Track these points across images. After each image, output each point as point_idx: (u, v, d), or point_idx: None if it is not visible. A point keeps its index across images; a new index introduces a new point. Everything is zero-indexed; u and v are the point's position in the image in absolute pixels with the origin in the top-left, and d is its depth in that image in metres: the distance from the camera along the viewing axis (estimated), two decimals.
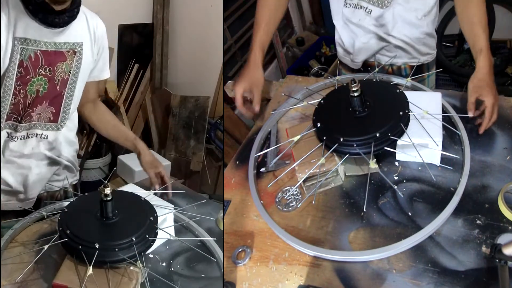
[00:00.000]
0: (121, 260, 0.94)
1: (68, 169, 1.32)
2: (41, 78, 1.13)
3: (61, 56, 1.15)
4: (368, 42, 1.43)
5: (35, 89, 1.13)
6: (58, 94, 1.18)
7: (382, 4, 1.34)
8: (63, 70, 1.16)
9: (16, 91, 1.10)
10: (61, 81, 1.17)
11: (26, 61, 1.09)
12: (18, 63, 1.08)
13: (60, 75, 1.16)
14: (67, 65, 1.17)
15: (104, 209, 1.00)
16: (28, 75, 1.10)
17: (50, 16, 1.08)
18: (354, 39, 1.46)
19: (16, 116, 1.14)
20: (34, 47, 1.09)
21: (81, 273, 0.92)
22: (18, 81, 1.10)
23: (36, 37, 1.09)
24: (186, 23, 2.90)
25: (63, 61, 1.16)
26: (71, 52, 1.17)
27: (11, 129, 1.15)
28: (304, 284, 0.91)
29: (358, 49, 1.46)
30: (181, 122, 2.78)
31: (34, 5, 1.05)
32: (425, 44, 1.44)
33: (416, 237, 0.92)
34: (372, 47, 1.44)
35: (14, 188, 1.20)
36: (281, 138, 1.30)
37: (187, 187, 1.45)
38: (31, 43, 1.08)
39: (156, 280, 0.96)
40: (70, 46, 1.16)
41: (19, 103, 1.12)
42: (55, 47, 1.13)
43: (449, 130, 1.11)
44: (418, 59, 1.46)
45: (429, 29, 1.41)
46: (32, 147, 1.19)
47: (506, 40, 3.18)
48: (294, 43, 3.43)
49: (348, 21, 1.44)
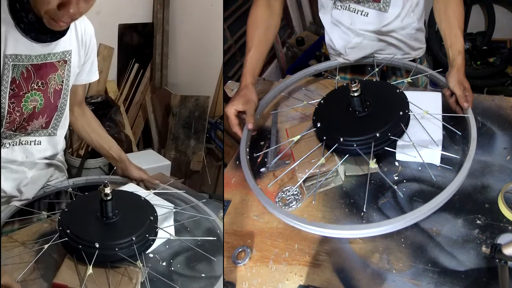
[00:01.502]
0: (121, 260, 0.94)
1: (59, 168, 1.33)
2: (35, 92, 1.10)
3: (52, 68, 1.12)
4: (361, 42, 1.44)
5: (31, 106, 1.11)
6: (54, 106, 1.18)
7: (381, 7, 1.35)
8: (55, 81, 1.14)
9: (10, 110, 1.07)
10: (54, 92, 1.15)
11: (18, 77, 1.06)
12: (10, 80, 1.05)
13: (52, 86, 1.14)
14: (59, 76, 1.15)
15: (104, 209, 1.00)
16: (21, 91, 1.08)
17: (43, 35, 1.05)
18: (346, 40, 1.46)
19: (11, 127, 1.12)
20: (25, 63, 1.06)
21: (81, 272, 0.92)
22: (11, 99, 1.07)
23: (26, 52, 1.05)
24: (186, 23, 2.90)
25: (54, 72, 1.13)
26: (61, 62, 1.14)
27: (6, 138, 1.13)
28: (304, 284, 0.91)
29: (350, 50, 1.47)
30: (181, 121, 2.78)
31: (27, 24, 1.02)
32: (416, 39, 1.47)
33: (440, 198, 0.92)
34: (365, 46, 1.45)
35: (9, 194, 1.19)
36: (281, 138, 1.30)
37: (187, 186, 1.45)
38: (22, 58, 1.05)
39: (156, 280, 0.96)
40: (60, 56, 1.13)
41: (14, 121, 1.10)
42: (45, 59, 1.10)
43: (449, 130, 1.11)
44: (410, 54, 1.48)
45: (419, 24, 1.43)
46: (26, 154, 1.18)
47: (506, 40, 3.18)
48: (294, 43, 3.43)
49: (339, 23, 1.44)
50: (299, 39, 3.41)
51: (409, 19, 1.40)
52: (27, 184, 1.22)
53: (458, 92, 1.14)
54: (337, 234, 0.94)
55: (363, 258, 0.93)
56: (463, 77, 1.16)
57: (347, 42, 1.46)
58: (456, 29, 1.22)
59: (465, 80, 1.16)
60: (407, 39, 1.44)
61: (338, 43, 1.48)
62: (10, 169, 1.17)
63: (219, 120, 2.68)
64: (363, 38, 1.43)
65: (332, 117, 1.15)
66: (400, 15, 1.37)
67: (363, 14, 1.38)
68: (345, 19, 1.42)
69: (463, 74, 1.17)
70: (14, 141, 1.15)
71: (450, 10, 1.25)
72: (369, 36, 1.42)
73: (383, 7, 1.35)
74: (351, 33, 1.44)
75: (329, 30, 1.50)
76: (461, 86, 1.15)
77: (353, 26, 1.42)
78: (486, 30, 3.18)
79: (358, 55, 1.47)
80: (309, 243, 0.99)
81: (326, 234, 0.95)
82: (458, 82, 1.15)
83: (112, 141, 1.37)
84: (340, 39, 1.47)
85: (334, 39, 1.49)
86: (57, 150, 1.28)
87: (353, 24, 1.41)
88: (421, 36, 1.49)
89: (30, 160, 1.20)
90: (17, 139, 1.16)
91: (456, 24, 1.23)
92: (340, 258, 0.94)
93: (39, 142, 1.20)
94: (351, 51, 1.46)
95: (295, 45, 3.42)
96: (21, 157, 1.18)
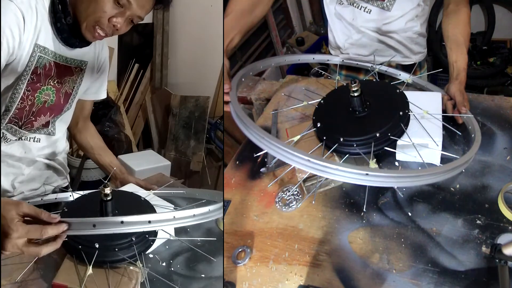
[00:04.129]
0: (121, 260, 0.94)
1: (58, 172, 1.33)
2: (50, 88, 1.15)
3: (69, 71, 1.17)
4: (361, 39, 1.46)
5: (43, 99, 1.15)
6: (61, 107, 1.21)
7: (385, 6, 1.36)
8: (68, 85, 1.19)
9: (24, 96, 1.11)
10: (65, 94, 1.20)
11: (40, 69, 1.10)
12: (33, 69, 1.09)
13: (65, 88, 1.19)
14: (73, 80, 1.20)
15: (104, 209, 1.00)
16: (39, 83, 1.12)
17: (73, 39, 1.11)
18: (347, 35, 1.47)
19: (18, 121, 1.15)
20: (50, 57, 1.11)
21: (81, 273, 0.92)
22: (28, 87, 1.11)
23: (52, 48, 1.10)
24: (186, 23, 2.90)
25: (70, 76, 1.18)
26: (78, 69, 1.20)
27: (8, 132, 1.15)
28: (304, 284, 0.91)
29: (350, 46, 1.48)
30: (181, 122, 2.78)
31: (64, 25, 1.08)
32: (417, 43, 1.48)
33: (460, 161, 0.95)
34: (364, 44, 1.46)
35: (3, 189, 1.20)
36: (281, 138, 1.30)
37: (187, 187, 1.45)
38: (48, 53, 1.10)
39: (156, 280, 0.96)
40: (78, 63, 1.19)
41: (24, 109, 1.13)
42: (65, 62, 1.15)
43: (449, 130, 1.11)
44: (411, 58, 1.48)
45: (421, 29, 1.45)
46: (25, 150, 1.20)
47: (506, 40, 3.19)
48: (294, 43, 3.43)
49: (341, 17, 1.45)
50: (299, 39, 3.41)
51: (412, 23, 1.41)
52: (22, 181, 1.23)
53: (458, 99, 1.19)
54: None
55: (363, 258, 0.93)
56: (463, 89, 1.22)
57: (347, 37, 1.47)
58: (463, 47, 1.28)
59: (465, 92, 1.23)
60: (407, 42, 1.44)
61: (338, 37, 1.50)
62: (7, 163, 1.19)
63: (219, 120, 2.68)
64: (363, 36, 1.44)
65: (332, 117, 1.15)
66: (404, 17, 1.38)
67: (366, 11, 1.39)
68: (348, 14, 1.43)
69: (464, 87, 1.23)
70: (16, 138, 1.17)
71: (459, 29, 1.31)
72: (369, 35, 1.43)
73: (387, 6, 1.36)
74: (352, 29, 1.45)
75: (331, 23, 1.51)
76: (461, 94, 1.20)
77: (355, 22, 1.43)
78: (486, 30, 3.19)
79: (356, 53, 1.48)
80: (309, 243, 0.99)
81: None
82: (459, 90, 1.21)
83: (113, 156, 1.41)
84: (341, 33, 1.49)
85: (335, 32, 1.51)
86: (57, 150, 1.29)
87: (355, 20, 1.42)
88: (422, 41, 1.49)
89: (29, 157, 1.22)
90: (18, 135, 1.17)
91: (463, 43, 1.28)
92: (340, 258, 0.94)
93: (38, 140, 1.22)
94: (350, 47, 1.48)
95: (295, 45, 3.42)
96: (20, 152, 1.20)
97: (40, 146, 1.23)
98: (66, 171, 1.38)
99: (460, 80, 1.24)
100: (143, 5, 1.05)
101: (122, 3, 1.02)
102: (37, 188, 1.29)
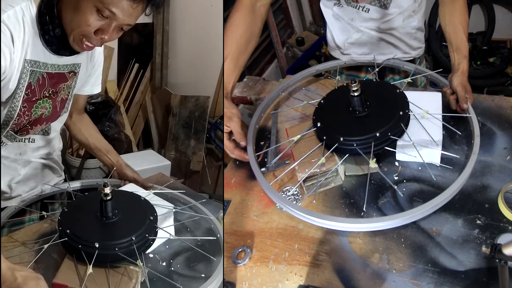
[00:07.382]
0: (121, 260, 0.94)
1: (54, 170, 1.33)
2: (46, 100, 1.13)
3: (63, 78, 1.16)
4: (360, 38, 1.46)
5: (40, 112, 1.14)
6: (58, 114, 1.21)
7: (382, 4, 1.36)
8: (64, 92, 1.18)
9: (21, 113, 1.10)
10: (61, 101, 1.19)
11: (34, 83, 1.09)
12: (26, 85, 1.07)
13: (61, 96, 1.17)
14: (68, 86, 1.18)
15: (104, 209, 1.00)
16: (35, 97, 1.11)
17: (63, 50, 1.09)
18: (346, 35, 1.48)
19: (14, 130, 1.14)
20: (42, 70, 1.09)
21: (81, 272, 0.92)
22: (24, 103, 1.10)
23: (43, 59, 1.09)
24: (186, 23, 2.90)
25: (64, 82, 1.16)
26: (72, 73, 1.18)
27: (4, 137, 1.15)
28: (304, 284, 0.91)
29: (349, 45, 1.48)
30: (181, 122, 2.78)
31: (52, 37, 1.05)
32: (416, 39, 1.48)
33: (440, 198, 0.93)
34: (364, 43, 1.46)
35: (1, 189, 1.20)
36: (281, 138, 1.30)
37: (187, 186, 1.45)
38: (40, 65, 1.08)
39: (156, 280, 0.96)
40: (71, 67, 1.17)
41: (21, 123, 1.13)
42: (58, 69, 1.13)
43: (449, 130, 1.11)
44: (410, 53, 1.49)
45: (419, 23, 1.44)
46: (20, 151, 1.20)
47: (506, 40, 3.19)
48: (294, 43, 3.43)
49: (340, 18, 1.46)
50: (299, 39, 3.41)
51: (410, 19, 1.41)
52: (19, 181, 1.23)
53: (460, 93, 1.16)
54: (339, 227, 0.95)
55: (363, 258, 0.93)
56: (466, 80, 1.19)
57: (347, 37, 1.47)
58: (462, 35, 1.24)
59: (468, 83, 1.19)
60: (406, 38, 1.45)
61: (338, 37, 1.50)
62: (3, 164, 1.18)
63: (219, 120, 2.68)
64: (363, 35, 1.44)
65: (332, 117, 1.15)
66: (402, 13, 1.39)
67: (364, 10, 1.39)
68: (346, 14, 1.43)
69: (467, 77, 1.19)
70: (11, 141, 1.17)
71: (456, 17, 1.27)
72: (368, 33, 1.43)
73: (384, 4, 1.36)
74: (351, 29, 1.45)
75: (330, 24, 1.51)
76: (464, 88, 1.17)
77: (354, 22, 1.43)
78: (486, 30, 3.19)
79: (356, 52, 1.48)
80: (309, 243, 0.99)
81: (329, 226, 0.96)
82: (461, 83, 1.17)
83: (109, 146, 1.38)
84: (340, 33, 1.49)
85: (334, 33, 1.51)
86: (52, 149, 1.29)
87: (354, 19, 1.42)
88: (421, 36, 1.50)
89: (24, 158, 1.21)
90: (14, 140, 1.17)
91: (462, 30, 1.25)
92: (340, 258, 0.94)
93: (33, 140, 1.21)
94: (350, 46, 1.48)
95: (295, 45, 3.42)
96: (15, 153, 1.19)
97: (35, 146, 1.23)
98: (61, 169, 1.37)
99: (462, 70, 1.19)
100: (130, 13, 0.99)
101: (106, 15, 0.98)
102: (34, 188, 1.29)
